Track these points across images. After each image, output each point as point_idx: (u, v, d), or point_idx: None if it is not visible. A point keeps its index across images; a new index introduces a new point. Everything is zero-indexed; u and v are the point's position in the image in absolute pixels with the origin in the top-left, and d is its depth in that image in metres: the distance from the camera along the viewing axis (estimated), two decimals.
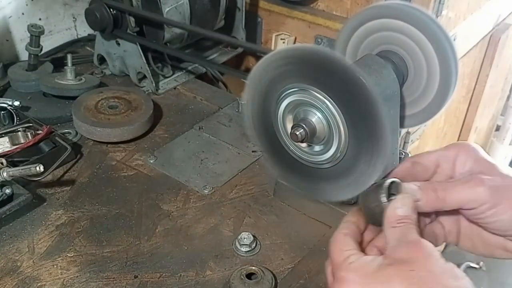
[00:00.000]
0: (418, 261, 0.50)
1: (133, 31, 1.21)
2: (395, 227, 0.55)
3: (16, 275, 0.78)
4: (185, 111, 1.20)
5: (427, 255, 0.51)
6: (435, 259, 0.51)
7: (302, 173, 0.67)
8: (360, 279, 0.51)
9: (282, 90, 0.61)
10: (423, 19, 0.65)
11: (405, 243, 0.53)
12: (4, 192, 0.85)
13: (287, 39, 1.44)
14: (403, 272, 0.50)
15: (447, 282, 0.49)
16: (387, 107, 0.66)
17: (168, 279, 0.78)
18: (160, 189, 0.96)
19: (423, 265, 0.50)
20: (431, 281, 0.49)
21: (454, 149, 0.61)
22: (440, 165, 0.62)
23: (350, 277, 0.52)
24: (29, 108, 1.13)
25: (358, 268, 0.52)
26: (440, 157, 0.62)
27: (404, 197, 0.57)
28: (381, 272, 0.51)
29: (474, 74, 1.82)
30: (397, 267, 0.51)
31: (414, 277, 0.49)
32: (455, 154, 0.61)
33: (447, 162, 0.61)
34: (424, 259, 0.50)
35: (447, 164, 0.61)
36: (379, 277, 0.50)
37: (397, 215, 0.56)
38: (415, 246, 0.52)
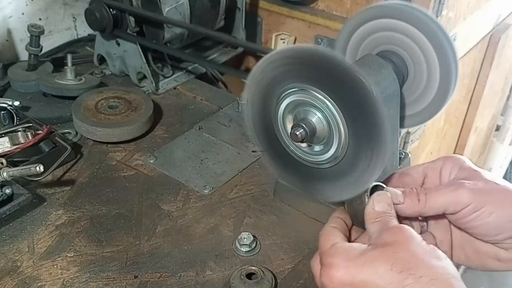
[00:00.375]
0: (401, 243, 0.52)
1: (133, 31, 1.21)
2: (374, 222, 0.57)
3: (16, 275, 0.78)
4: (185, 111, 1.20)
5: (408, 237, 0.53)
6: (416, 241, 0.52)
7: (302, 173, 0.67)
8: (345, 263, 0.53)
9: (282, 90, 0.62)
10: (423, 19, 0.66)
11: (387, 229, 0.55)
12: (4, 192, 0.85)
13: (287, 39, 1.44)
14: (386, 254, 0.51)
15: (430, 261, 0.50)
16: (387, 107, 0.67)
17: (168, 279, 0.78)
18: (160, 189, 0.96)
19: (406, 247, 0.51)
20: (414, 260, 0.50)
21: (440, 161, 0.64)
22: (427, 175, 0.64)
23: (335, 261, 0.53)
24: (29, 108, 1.13)
25: (343, 252, 0.54)
26: (426, 168, 0.65)
27: (379, 194, 0.60)
28: (366, 254, 0.52)
29: (474, 74, 1.82)
30: (380, 249, 0.52)
31: (398, 258, 0.50)
32: (440, 164, 0.64)
33: (433, 172, 0.64)
34: (406, 241, 0.52)
35: (433, 173, 0.64)
36: (364, 259, 0.52)
37: (375, 211, 0.58)
38: (397, 229, 0.54)
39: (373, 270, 0.51)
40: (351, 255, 0.53)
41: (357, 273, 0.51)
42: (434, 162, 0.65)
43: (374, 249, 0.53)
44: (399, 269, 0.49)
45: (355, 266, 0.52)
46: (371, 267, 0.51)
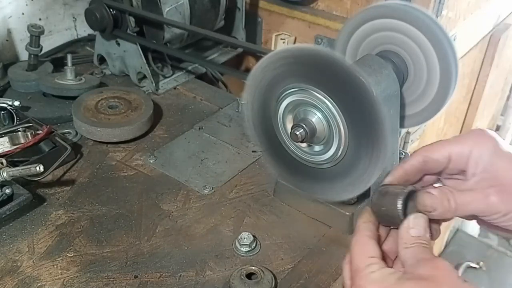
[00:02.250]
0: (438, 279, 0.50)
1: (133, 31, 1.21)
2: (408, 248, 0.55)
3: (16, 275, 0.78)
4: (185, 111, 1.20)
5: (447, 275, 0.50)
6: (455, 277, 0.50)
7: (302, 173, 0.67)
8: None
9: (282, 90, 0.62)
10: (423, 19, 0.66)
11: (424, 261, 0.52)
12: (4, 192, 0.85)
13: (287, 39, 1.44)
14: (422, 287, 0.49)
15: None
16: (387, 107, 0.67)
17: (168, 279, 0.78)
18: (160, 189, 0.96)
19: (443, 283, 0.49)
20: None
21: (468, 144, 0.59)
22: (452, 160, 0.60)
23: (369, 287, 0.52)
24: (29, 108, 1.13)
25: (379, 280, 0.52)
26: (453, 153, 0.60)
27: (416, 217, 0.56)
28: (401, 285, 0.50)
29: (474, 74, 1.82)
30: (416, 282, 0.50)
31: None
32: (468, 150, 0.59)
33: (460, 158, 0.59)
34: (443, 277, 0.50)
35: (460, 160, 0.59)
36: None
37: (410, 236, 0.55)
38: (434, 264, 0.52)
39: None
40: (386, 284, 0.51)
41: None
42: (462, 145, 0.59)
43: (409, 281, 0.51)
44: None
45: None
46: None
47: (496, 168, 0.57)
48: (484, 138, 0.59)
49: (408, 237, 0.55)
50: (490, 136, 0.59)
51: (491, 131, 0.60)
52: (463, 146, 0.59)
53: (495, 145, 0.58)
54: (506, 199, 0.55)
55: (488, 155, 0.58)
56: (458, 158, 0.59)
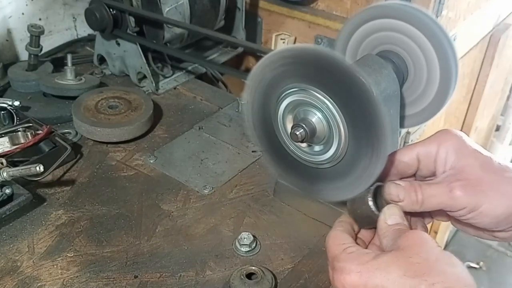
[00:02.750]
0: (414, 248, 0.51)
1: (133, 31, 1.21)
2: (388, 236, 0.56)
3: (16, 275, 0.78)
4: (185, 111, 1.20)
5: (423, 243, 0.52)
6: (431, 246, 0.51)
7: (302, 173, 0.67)
8: (358, 267, 0.52)
9: (282, 90, 0.61)
10: (423, 19, 0.66)
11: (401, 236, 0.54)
12: (4, 192, 0.85)
13: (287, 39, 1.44)
14: (400, 259, 0.50)
15: (443, 268, 0.49)
16: (387, 107, 0.67)
17: (168, 279, 0.78)
18: (160, 189, 0.96)
19: (419, 252, 0.51)
20: (428, 267, 0.49)
21: (434, 144, 0.61)
22: (421, 161, 0.62)
23: (348, 266, 0.53)
24: (29, 108, 1.13)
25: (356, 257, 0.53)
26: (420, 154, 0.62)
27: (389, 208, 0.58)
28: (379, 259, 0.51)
29: (474, 74, 1.82)
30: (394, 253, 0.52)
31: (411, 263, 0.50)
32: (435, 149, 0.60)
33: (428, 158, 0.61)
34: (419, 247, 0.51)
35: (428, 160, 0.61)
36: (377, 264, 0.51)
37: (388, 225, 0.57)
38: (411, 234, 0.53)
39: (386, 275, 0.50)
40: (364, 260, 0.52)
41: (370, 278, 0.51)
42: (428, 146, 0.61)
43: (387, 254, 0.52)
44: (412, 275, 0.49)
45: (368, 271, 0.51)
46: (384, 272, 0.50)
47: (462, 164, 0.58)
48: (449, 136, 0.61)
49: (386, 227, 0.57)
50: (455, 135, 0.61)
51: (456, 130, 0.62)
52: (429, 146, 0.61)
53: (460, 143, 0.60)
54: (471, 193, 0.56)
55: (454, 153, 0.59)
56: (426, 159, 0.61)
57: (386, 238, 0.56)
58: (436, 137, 0.61)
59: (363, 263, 0.52)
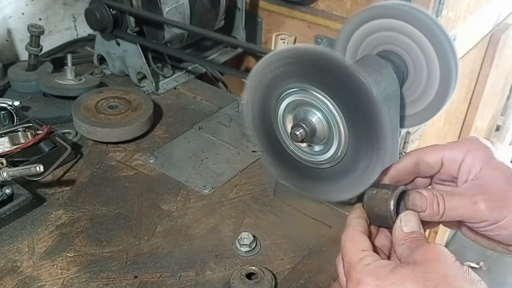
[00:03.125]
0: (433, 263, 0.50)
1: (133, 31, 1.21)
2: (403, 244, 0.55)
3: (16, 275, 0.78)
4: (185, 111, 1.20)
5: (441, 258, 0.50)
6: (450, 262, 0.50)
7: (302, 173, 0.67)
8: (375, 281, 0.51)
9: (282, 90, 0.62)
10: (423, 19, 0.66)
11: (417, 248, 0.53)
12: (4, 192, 0.85)
13: (287, 39, 1.44)
14: (417, 274, 0.49)
15: (461, 284, 0.48)
16: (387, 107, 0.67)
17: (168, 279, 0.78)
18: (160, 189, 0.96)
19: (438, 268, 0.49)
20: (445, 283, 0.48)
21: (462, 151, 0.60)
22: (444, 165, 0.61)
23: (365, 280, 0.52)
24: (29, 108, 1.13)
25: (374, 271, 0.52)
26: (446, 158, 0.61)
27: (407, 214, 0.57)
28: (396, 273, 0.50)
29: (474, 74, 1.82)
30: (411, 268, 0.50)
31: (429, 279, 0.48)
32: (461, 157, 0.59)
33: (453, 164, 0.60)
34: (438, 262, 0.50)
35: (452, 166, 0.60)
36: (394, 279, 0.50)
37: (404, 233, 0.56)
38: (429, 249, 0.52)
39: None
40: (381, 274, 0.51)
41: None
42: (455, 151, 0.60)
43: (404, 268, 0.51)
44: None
45: (384, 285, 0.50)
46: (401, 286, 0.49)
47: (487, 177, 0.57)
48: (478, 146, 0.60)
49: (402, 234, 0.56)
50: (483, 145, 0.60)
51: (485, 140, 0.61)
52: (456, 152, 0.60)
53: (488, 154, 0.59)
54: (494, 207, 0.55)
55: (480, 163, 0.58)
56: (450, 164, 0.60)
57: (401, 246, 0.55)
58: (464, 144, 0.60)
59: (380, 278, 0.51)
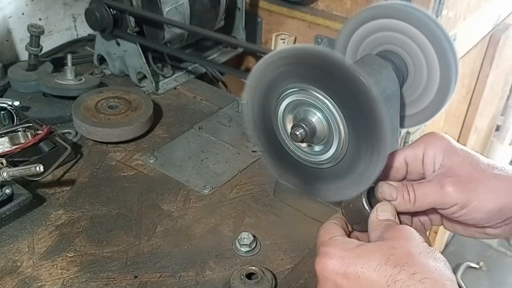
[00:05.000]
0: (399, 240, 0.52)
1: (133, 31, 1.21)
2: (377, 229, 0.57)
3: (16, 275, 0.78)
4: (185, 111, 1.20)
5: (409, 237, 0.52)
6: (417, 241, 0.52)
7: (302, 173, 0.67)
8: (340, 252, 0.53)
9: (282, 90, 0.61)
10: (423, 19, 0.66)
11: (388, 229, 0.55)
12: (4, 192, 0.85)
13: (287, 39, 1.44)
14: (383, 248, 0.51)
15: (426, 261, 0.50)
16: (387, 107, 0.67)
17: (168, 279, 0.78)
18: (160, 189, 0.96)
19: (404, 245, 0.51)
20: (409, 257, 0.50)
21: (421, 146, 0.62)
22: (410, 164, 0.63)
23: (331, 251, 0.53)
24: (29, 108, 1.13)
25: (341, 244, 0.54)
26: (407, 157, 0.62)
27: (382, 204, 0.59)
28: (362, 247, 0.52)
29: (474, 74, 1.82)
30: (378, 243, 0.52)
31: (394, 253, 0.50)
32: (422, 151, 0.61)
33: (415, 161, 0.62)
34: (404, 240, 0.52)
35: (415, 163, 0.62)
36: (360, 251, 0.52)
37: (379, 219, 0.58)
38: (398, 228, 0.54)
39: (367, 262, 0.51)
40: (348, 247, 0.53)
41: (350, 263, 0.51)
42: (415, 149, 0.62)
43: (371, 243, 0.53)
44: (393, 264, 0.49)
45: (349, 257, 0.52)
46: (366, 259, 0.51)
47: (451, 163, 0.59)
48: (435, 138, 0.62)
49: (377, 221, 0.58)
50: (441, 137, 0.62)
51: (442, 133, 0.63)
52: (416, 149, 0.62)
53: (447, 144, 0.61)
54: (462, 189, 0.57)
55: (442, 153, 0.60)
56: (413, 161, 0.62)
57: (374, 231, 0.57)
58: (422, 140, 0.63)
59: (346, 249, 0.53)
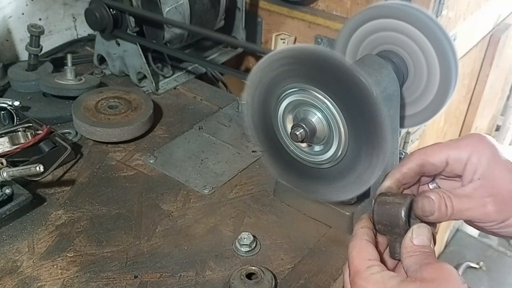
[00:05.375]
0: (441, 282, 0.49)
1: (133, 31, 1.21)
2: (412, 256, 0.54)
3: (16, 275, 0.78)
4: (185, 111, 1.20)
5: (450, 279, 0.50)
6: (458, 283, 0.49)
7: (302, 173, 0.67)
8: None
9: (282, 90, 0.62)
10: (423, 19, 0.66)
11: (427, 265, 0.52)
12: (4, 192, 0.85)
13: (287, 39, 1.44)
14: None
15: None
16: (387, 107, 0.67)
17: (168, 279, 0.78)
18: (160, 189, 0.96)
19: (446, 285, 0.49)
20: None
21: (467, 150, 0.59)
22: (450, 164, 0.60)
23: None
24: (29, 108, 1.13)
25: (379, 281, 0.51)
26: (451, 158, 0.59)
27: (419, 227, 0.56)
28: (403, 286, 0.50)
29: (474, 74, 1.82)
30: (419, 284, 0.49)
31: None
32: (467, 156, 0.58)
33: (458, 163, 0.59)
34: (446, 282, 0.49)
35: (458, 165, 0.59)
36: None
37: (414, 245, 0.55)
38: (438, 267, 0.51)
39: None
40: (388, 285, 0.50)
41: None
42: (460, 150, 0.59)
43: (412, 283, 0.50)
44: None
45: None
46: None
47: (494, 176, 0.57)
48: (483, 144, 0.59)
49: (412, 246, 0.55)
50: (489, 143, 0.59)
51: (490, 137, 0.60)
52: (462, 151, 0.59)
53: (493, 152, 0.58)
54: (503, 208, 0.55)
55: (486, 162, 0.57)
56: (455, 163, 0.59)
57: (409, 258, 0.54)
58: (469, 142, 0.59)
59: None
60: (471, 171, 0.58)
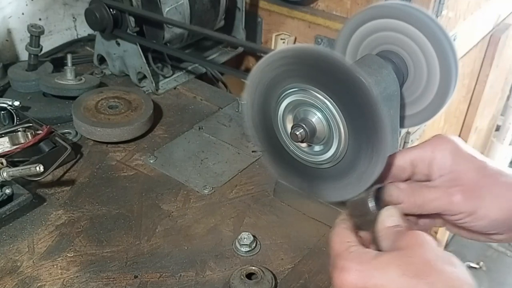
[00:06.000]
0: (414, 248, 0.51)
1: (133, 31, 1.21)
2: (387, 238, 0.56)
3: (16, 275, 0.78)
4: (185, 111, 1.20)
5: (423, 243, 0.51)
6: (431, 247, 0.51)
7: (302, 173, 0.67)
8: (358, 266, 0.52)
9: (282, 90, 0.61)
10: (423, 19, 0.66)
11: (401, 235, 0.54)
12: (4, 192, 0.85)
13: (287, 39, 1.44)
14: (399, 258, 0.50)
15: (443, 267, 0.49)
16: (387, 107, 0.67)
17: (168, 279, 0.78)
18: (160, 189, 0.96)
19: (419, 252, 0.50)
20: (427, 266, 0.49)
21: (429, 149, 0.61)
22: (416, 165, 0.62)
23: (348, 264, 0.52)
24: (29, 108, 1.13)
25: (357, 256, 0.53)
26: (415, 159, 0.62)
27: (388, 209, 0.58)
28: (379, 259, 0.51)
29: (474, 74, 1.82)
30: (394, 253, 0.51)
31: (411, 263, 0.49)
32: (430, 154, 0.61)
33: (423, 163, 0.61)
34: (419, 246, 0.51)
35: (423, 164, 0.61)
36: (377, 264, 0.51)
37: (386, 227, 0.56)
38: (411, 235, 0.53)
39: (386, 274, 0.49)
40: (365, 259, 0.52)
41: (369, 277, 0.50)
42: (423, 150, 0.61)
43: (387, 254, 0.52)
44: (411, 274, 0.48)
45: (368, 270, 0.51)
46: (384, 272, 0.50)
47: (458, 169, 0.59)
48: (445, 141, 0.61)
49: (384, 229, 0.56)
50: (450, 140, 0.61)
51: (452, 135, 0.62)
52: (425, 150, 0.61)
53: (455, 147, 0.60)
54: (469, 198, 0.57)
55: (449, 157, 0.60)
56: (421, 163, 0.61)
57: (385, 240, 0.56)
58: (431, 142, 0.62)
59: (363, 262, 0.52)
60: (437, 167, 0.60)
